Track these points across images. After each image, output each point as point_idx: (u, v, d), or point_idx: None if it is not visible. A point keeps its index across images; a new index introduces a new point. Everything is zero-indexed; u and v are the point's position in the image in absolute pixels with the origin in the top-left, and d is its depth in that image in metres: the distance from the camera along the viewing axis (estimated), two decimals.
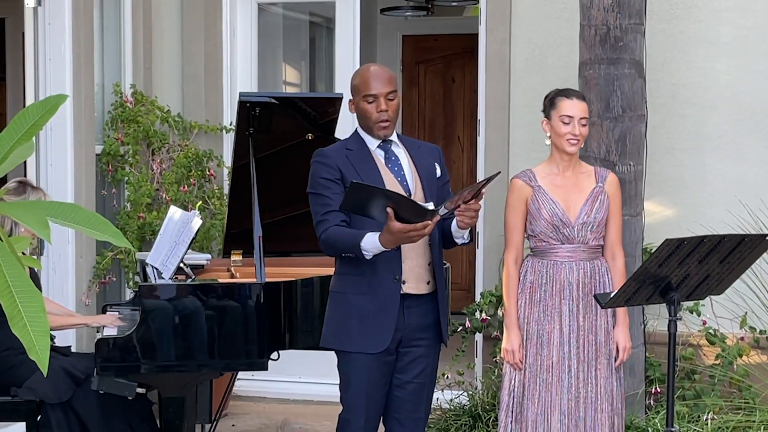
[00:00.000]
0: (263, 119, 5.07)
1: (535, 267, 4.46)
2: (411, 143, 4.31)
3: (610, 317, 4.47)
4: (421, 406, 4.28)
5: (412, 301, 4.14)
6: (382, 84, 4.12)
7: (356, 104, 4.18)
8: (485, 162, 6.55)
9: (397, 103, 4.18)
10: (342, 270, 4.18)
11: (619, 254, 4.50)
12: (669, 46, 6.23)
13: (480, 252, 6.63)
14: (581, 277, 4.41)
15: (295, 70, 8.30)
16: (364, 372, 4.12)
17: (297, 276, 4.92)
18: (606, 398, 4.43)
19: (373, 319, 4.09)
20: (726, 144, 6.21)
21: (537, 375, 4.42)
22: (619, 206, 4.55)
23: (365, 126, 4.18)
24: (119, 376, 4.67)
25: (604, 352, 4.44)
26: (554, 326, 4.42)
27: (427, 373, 4.25)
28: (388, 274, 4.07)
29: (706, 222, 5.91)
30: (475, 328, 6.18)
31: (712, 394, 5.73)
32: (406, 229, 3.77)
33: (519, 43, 6.48)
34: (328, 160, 4.11)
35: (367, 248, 3.91)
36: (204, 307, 4.66)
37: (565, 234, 4.40)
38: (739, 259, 3.98)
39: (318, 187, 4.10)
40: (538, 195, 4.42)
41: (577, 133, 4.38)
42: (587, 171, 4.54)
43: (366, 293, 4.09)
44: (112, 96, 6.74)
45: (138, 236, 6.53)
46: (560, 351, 4.41)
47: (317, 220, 4.09)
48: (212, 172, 6.77)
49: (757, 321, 5.93)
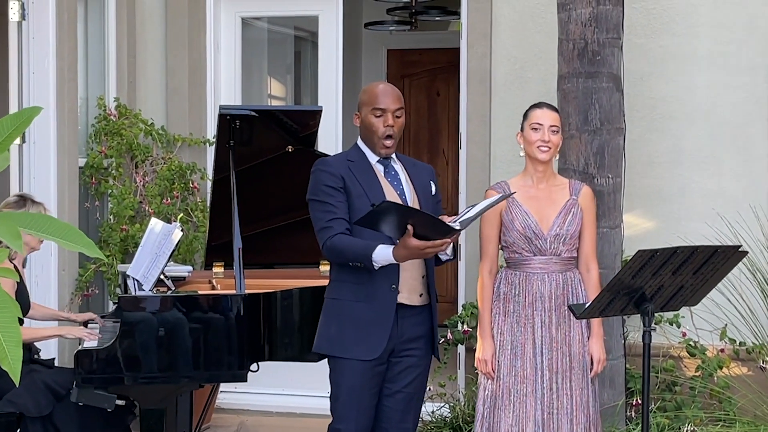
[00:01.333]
0: (243, 132, 5.11)
1: (508, 278, 4.50)
2: (407, 161, 4.39)
3: (585, 329, 4.50)
4: (409, 416, 4.31)
5: (405, 311, 4.18)
6: (392, 100, 4.20)
7: (363, 117, 4.22)
8: (467, 175, 6.59)
9: (403, 122, 4.24)
10: (339, 277, 4.21)
11: (594, 266, 4.54)
12: (647, 60, 6.29)
13: (462, 264, 6.67)
14: (554, 288, 4.45)
15: (281, 84, 8.34)
16: (356, 379, 4.15)
17: (278, 288, 4.95)
18: (581, 410, 4.45)
19: (368, 327, 4.13)
20: (704, 157, 6.26)
21: (511, 386, 4.45)
22: (593, 219, 4.59)
23: (368, 140, 4.23)
24: (99, 388, 4.69)
25: (579, 364, 4.47)
26: (527, 337, 4.45)
27: (416, 384, 4.29)
28: (385, 282, 4.12)
29: (684, 234, 5.96)
30: (457, 339, 6.21)
31: (693, 406, 5.76)
32: (423, 246, 3.84)
33: (499, 58, 6.53)
34: (331, 168, 4.16)
35: (378, 260, 3.98)
36: (182, 319, 4.69)
37: (538, 246, 4.44)
38: (713, 270, 4.02)
39: (320, 194, 4.14)
40: (512, 206, 4.47)
41: (547, 140, 4.42)
42: (561, 183, 4.58)
43: (363, 301, 4.14)
44: (96, 109, 6.77)
45: (121, 249, 6.55)
46: (533, 362, 4.44)
47: (321, 227, 4.12)
48: (195, 184, 6.80)
49: (736, 333, 5.97)
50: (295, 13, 7.29)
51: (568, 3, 5.48)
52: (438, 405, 6.16)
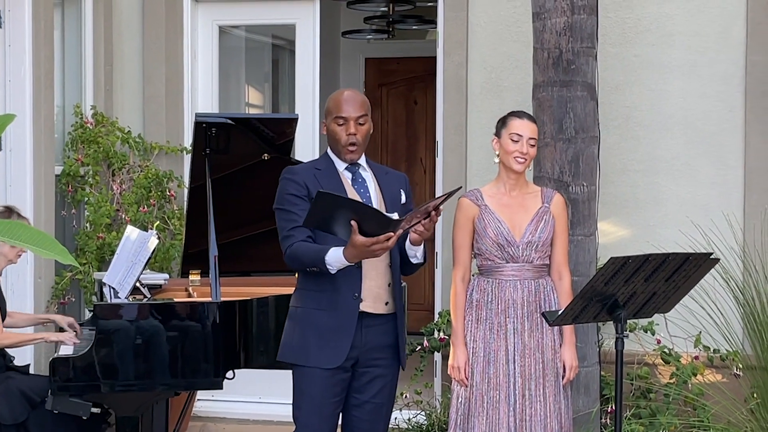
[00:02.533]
0: (220, 140, 5.12)
1: (480, 285, 4.52)
2: (379, 169, 4.37)
3: (557, 336, 4.52)
4: (379, 426, 4.31)
5: (370, 320, 4.17)
6: (354, 108, 4.18)
7: (328, 126, 4.23)
8: (443, 183, 6.62)
9: (368, 128, 4.23)
10: (303, 286, 4.22)
11: (566, 274, 4.57)
12: (622, 69, 6.33)
13: (439, 272, 6.69)
14: (526, 295, 4.47)
15: (258, 93, 8.35)
16: (317, 387, 4.14)
17: (255, 296, 4.96)
18: (555, 416, 4.48)
19: (330, 335, 4.12)
20: (679, 165, 6.31)
21: (484, 393, 4.47)
22: (565, 226, 4.62)
23: (334, 148, 4.23)
24: (74, 395, 4.69)
25: (552, 370, 4.49)
26: (500, 344, 4.47)
27: (384, 394, 4.27)
28: (348, 291, 4.11)
29: (658, 242, 6.00)
30: (434, 347, 6.23)
31: (667, 413, 5.79)
32: (369, 243, 3.81)
33: (476, 67, 6.56)
34: (296, 176, 4.16)
35: (331, 262, 3.96)
36: (158, 326, 4.69)
37: (510, 253, 4.47)
38: (685, 278, 4.05)
39: (285, 203, 4.14)
40: (485, 214, 4.49)
41: (525, 152, 4.45)
42: (534, 191, 4.61)
43: (326, 309, 4.13)
44: (73, 117, 6.77)
45: (97, 256, 6.55)
46: (506, 369, 4.46)
47: (283, 235, 4.12)
48: (172, 192, 6.80)
49: (711, 340, 6.01)
50: (272, 21, 7.30)
51: (543, 12, 5.51)
52: (414, 412, 6.17)
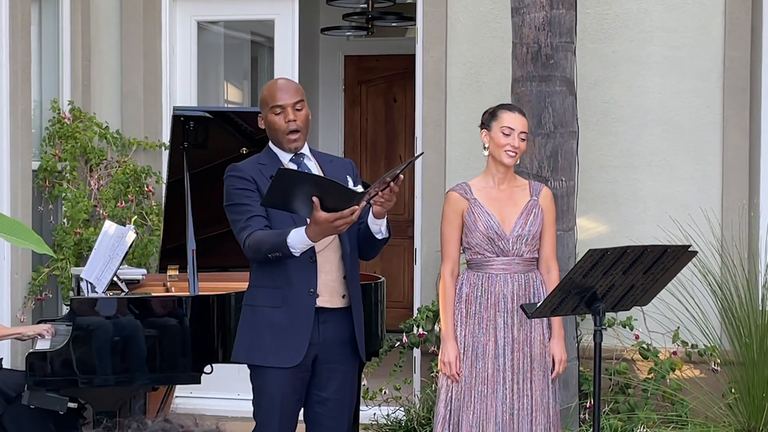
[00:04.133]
0: (198, 133, 5.09)
1: (470, 280, 4.50)
2: (323, 157, 4.28)
3: (546, 329, 4.52)
4: (343, 422, 4.21)
5: (327, 315, 4.09)
6: (289, 95, 4.10)
7: (265, 118, 4.14)
8: (422, 179, 6.62)
9: (306, 114, 4.13)
10: (256, 283, 4.13)
11: (554, 267, 4.57)
12: (601, 65, 6.34)
13: (417, 267, 6.69)
14: (516, 289, 4.46)
15: (237, 89, 8.33)
16: (277, 387, 4.06)
17: (233, 291, 4.94)
18: (542, 410, 4.47)
19: (286, 333, 4.03)
20: (657, 161, 6.32)
21: (472, 387, 4.46)
22: (553, 220, 4.62)
23: (275, 139, 4.14)
24: (51, 390, 4.66)
25: (540, 365, 4.48)
26: (489, 338, 4.46)
27: (346, 389, 4.20)
28: (303, 287, 4.03)
29: (637, 238, 6.01)
30: (413, 343, 6.22)
31: (646, 408, 5.81)
32: (332, 218, 3.72)
33: (455, 63, 6.57)
34: (241, 173, 4.06)
35: (294, 244, 3.84)
36: (135, 320, 4.67)
37: (500, 246, 4.46)
38: (663, 270, 4.06)
39: (235, 197, 4.05)
40: (474, 208, 4.47)
41: (516, 146, 4.44)
42: (522, 185, 4.60)
43: (280, 306, 4.04)
44: (50, 112, 6.73)
45: (75, 252, 6.52)
46: (495, 363, 4.45)
47: (239, 227, 4.02)
48: (150, 188, 6.78)
49: (688, 335, 6.03)
50: (251, 17, 7.28)
51: (522, 7, 5.52)
52: (393, 408, 6.17)
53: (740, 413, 5.77)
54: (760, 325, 5.73)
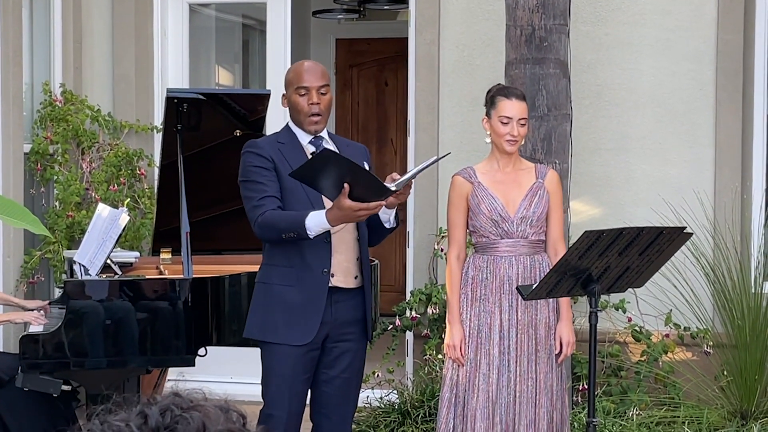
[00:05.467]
0: (191, 116, 5.08)
1: (476, 263, 4.50)
2: (341, 141, 4.34)
3: (551, 312, 4.51)
4: (348, 401, 4.29)
5: (340, 295, 4.16)
6: (315, 77, 4.15)
7: (288, 97, 4.19)
8: (415, 162, 6.60)
9: (329, 99, 4.19)
10: (270, 261, 4.17)
11: (562, 249, 4.53)
12: (594, 47, 6.34)
13: (410, 251, 6.68)
14: (521, 271, 4.45)
15: (228, 72, 8.31)
16: (287, 365, 4.11)
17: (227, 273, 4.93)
18: (545, 393, 4.46)
19: (299, 312, 4.09)
20: (650, 144, 6.32)
21: (478, 370, 4.45)
22: (560, 202, 4.59)
23: (296, 120, 4.19)
24: (44, 373, 4.65)
25: (544, 347, 4.47)
26: (495, 321, 4.45)
27: (353, 368, 4.26)
28: (317, 266, 4.08)
29: (630, 221, 6.01)
30: (405, 326, 6.22)
31: (638, 390, 5.82)
32: (357, 207, 3.78)
33: (447, 45, 6.55)
34: (260, 150, 4.12)
35: (311, 226, 3.90)
36: (129, 303, 4.66)
37: (505, 229, 4.45)
38: (658, 252, 4.06)
39: (250, 174, 4.10)
40: (478, 191, 4.47)
41: (515, 134, 4.43)
42: (527, 167, 4.59)
43: (294, 285, 4.09)
44: (41, 95, 6.70)
45: (67, 235, 6.50)
46: (501, 345, 4.44)
47: (252, 205, 4.06)
48: (143, 171, 6.76)
49: (681, 318, 6.04)
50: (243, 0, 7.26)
51: None
52: (386, 391, 6.17)
53: (732, 395, 5.78)
54: (753, 308, 5.75)
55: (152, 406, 1.26)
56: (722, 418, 5.66)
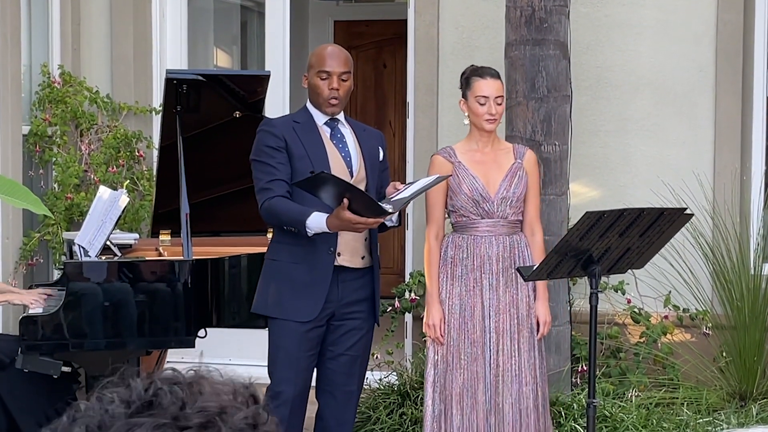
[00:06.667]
0: (191, 97, 5.06)
1: (455, 242, 4.52)
2: (357, 125, 4.42)
3: (531, 291, 4.53)
4: (353, 380, 4.32)
5: (347, 274, 4.21)
6: (338, 63, 4.22)
7: (309, 79, 4.26)
8: (414, 144, 6.60)
9: (349, 85, 4.27)
10: (279, 239, 4.24)
11: (538, 230, 4.58)
12: (593, 29, 6.32)
13: (409, 233, 6.68)
14: (501, 251, 4.47)
15: (227, 55, 8.28)
16: (292, 341, 4.16)
17: (226, 255, 4.92)
18: (529, 371, 4.49)
19: (305, 289, 4.15)
20: (649, 126, 6.31)
21: (461, 349, 4.48)
22: (537, 183, 4.64)
23: (315, 102, 4.26)
24: (44, 354, 4.65)
25: (526, 326, 4.50)
26: (476, 300, 4.47)
27: (360, 346, 4.31)
28: (323, 245, 4.14)
29: (629, 202, 6.00)
30: (405, 308, 6.23)
31: (637, 372, 5.83)
32: (355, 220, 3.86)
33: (447, 26, 6.53)
34: (274, 129, 4.18)
35: (312, 226, 3.99)
36: (129, 284, 4.65)
37: (485, 209, 4.47)
38: (659, 233, 4.06)
39: (262, 155, 4.16)
40: (459, 170, 4.49)
41: (493, 113, 4.46)
42: (506, 148, 4.62)
43: (301, 263, 4.16)
44: (40, 76, 6.68)
45: (66, 217, 6.49)
46: (482, 325, 4.47)
47: (260, 187, 4.14)
48: (141, 153, 6.75)
49: (680, 299, 6.04)
50: None
51: None
52: (386, 373, 6.17)
53: (731, 376, 5.79)
54: (752, 289, 5.76)
55: (139, 381, 1.26)
56: (721, 399, 5.67)
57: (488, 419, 4.45)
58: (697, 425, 5.27)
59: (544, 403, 4.55)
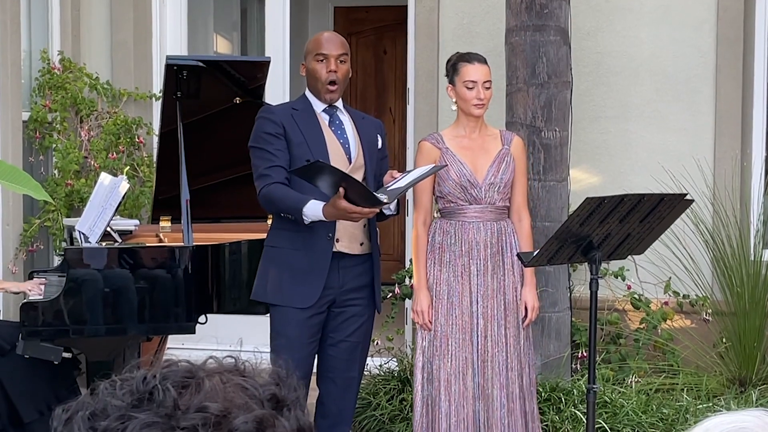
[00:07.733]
0: (191, 83, 5.06)
1: (443, 228, 4.52)
2: (356, 113, 4.44)
3: (518, 277, 4.53)
4: (354, 366, 4.33)
5: (347, 260, 4.23)
6: (335, 46, 4.24)
7: (307, 65, 4.26)
8: (415, 130, 6.59)
9: (347, 69, 4.27)
10: (279, 225, 4.26)
11: (525, 216, 4.58)
12: (594, 15, 6.31)
13: (409, 219, 6.67)
14: (488, 237, 4.48)
15: (227, 41, 8.27)
16: (292, 327, 4.18)
17: (227, 241, 4.93)
18: (515, 356, 4.50)
19: (304, 275, 4.17)
20: (650, 112, 6.31)
21: (449, 335, 4.48)
22: (524, 169, 4.65)
23: (313, 87, 4.26)
24: (45, 340, 4.65)
25: (513, 311, 4.50)
26: (464, 286, 4.48)
27: (360, 333, 4.32)
28: (322, 231, 4.15)
29: (630, 188, 6.00)
30: (405, 294, 6.23)
31: (637, 358, 5.84)
32: (351, 209, 3.88)
33: (447, 12, 6.52)
34: (273, 116, 4.20)
35: (308, 214, 4.00)
36: (130, 270, 4.66)
37: (473, 194, 4.47)
38: (659, 219, 4.07)
39: (261, 141, 4.17)
40: (446, 156, 4.49)
41: (482, 97, 4.47)
42: (493, 134, 4.62)
43: (300, 249, 4.17)
44: (40, 62, 6.67)
45: (66, 203, 6.49)
46: (470, 310, 4.47)
47: (259, 174, 4.15)
48: (141, 139, 6.74)
49: (680, 285, 6.05)
50: None
51: None
52: (386, 359, 6.19)
53: (731, 362, 5.80)
54: (752, 275, 5.76)
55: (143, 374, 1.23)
56: (721, 385, 5.68)
57: (476, 404, 4.46)
58: (697, 411, 5.28)
59: (531, 387, 4.56)
